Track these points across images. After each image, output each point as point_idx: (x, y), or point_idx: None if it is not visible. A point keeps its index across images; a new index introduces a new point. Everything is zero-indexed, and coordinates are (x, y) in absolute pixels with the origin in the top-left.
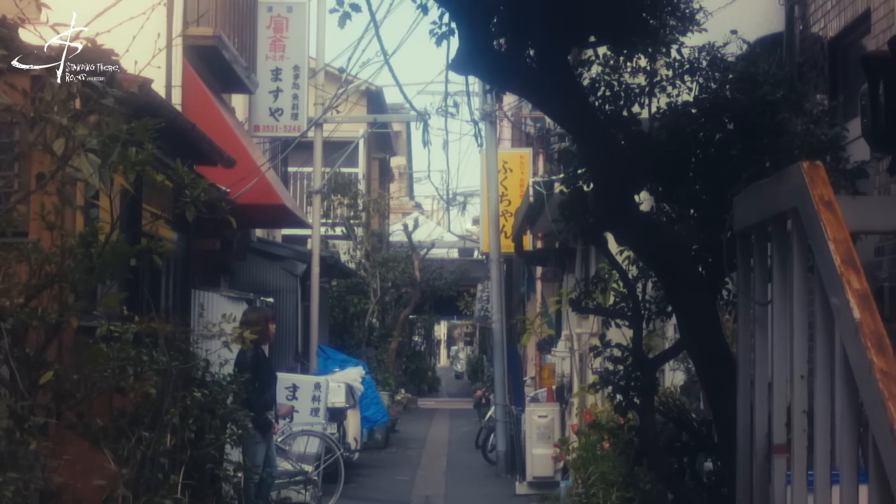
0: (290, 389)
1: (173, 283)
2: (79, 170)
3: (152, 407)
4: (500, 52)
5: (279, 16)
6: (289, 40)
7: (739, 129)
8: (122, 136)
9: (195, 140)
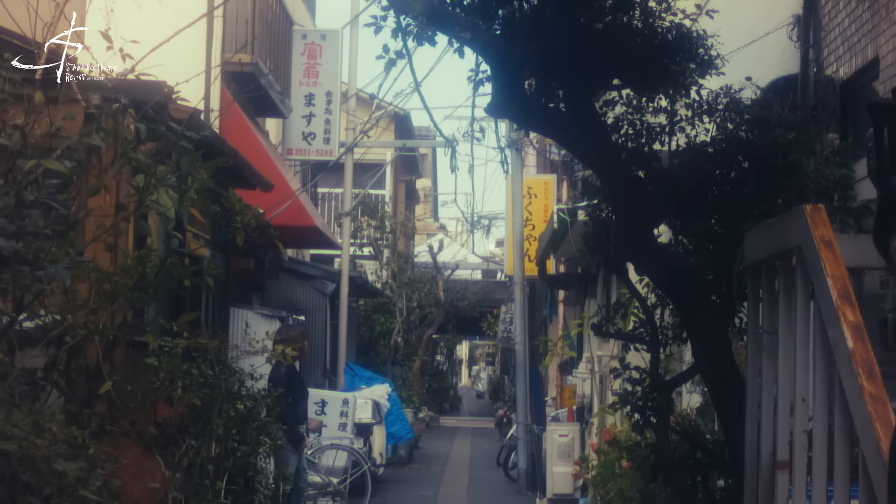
0: (319, 405)
1: (213, 301)
2: (160, 203)
3: (198, 417)
4: (531, 97)
5: (313, 43)
6: (322, 67)
7: (753, 168)
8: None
9: (237, 166)
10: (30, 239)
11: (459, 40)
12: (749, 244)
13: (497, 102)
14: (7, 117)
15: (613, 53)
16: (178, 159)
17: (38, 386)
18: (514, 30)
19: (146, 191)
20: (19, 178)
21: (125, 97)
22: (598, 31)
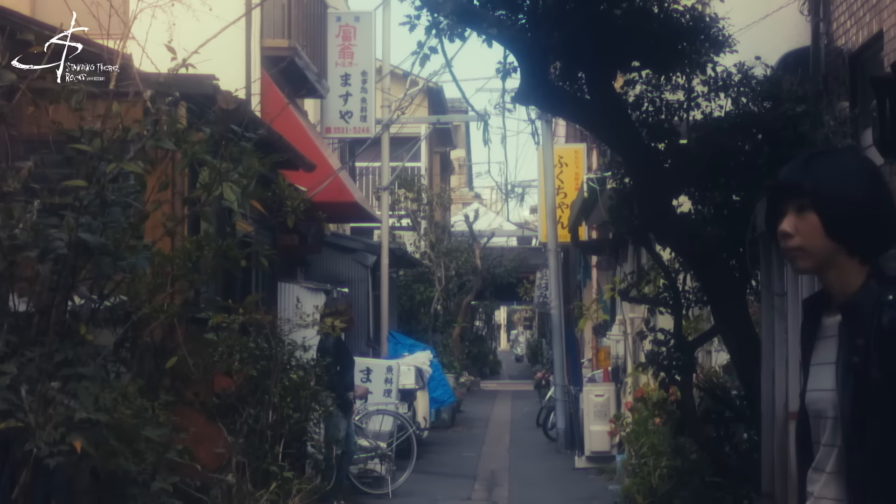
0: (365, 372)
1: (262, 277)
2: (225, 198)
3: (256, 387)
4: (555, 84)
5: (347, 25)
6: (357, 48)
7: (766, 141)
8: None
9: (282, 149)
10: (110, 232)
11: (487, 35)
12: (759, 213)
13: (524, 91)
14: (84, 123)
15: (632, 38)
16: (240, 157)
17: (110, 363)
18: (538, 21)
19: (212, 186)
20: (102, 179)
21: (177, 91)
22: (617, 17)
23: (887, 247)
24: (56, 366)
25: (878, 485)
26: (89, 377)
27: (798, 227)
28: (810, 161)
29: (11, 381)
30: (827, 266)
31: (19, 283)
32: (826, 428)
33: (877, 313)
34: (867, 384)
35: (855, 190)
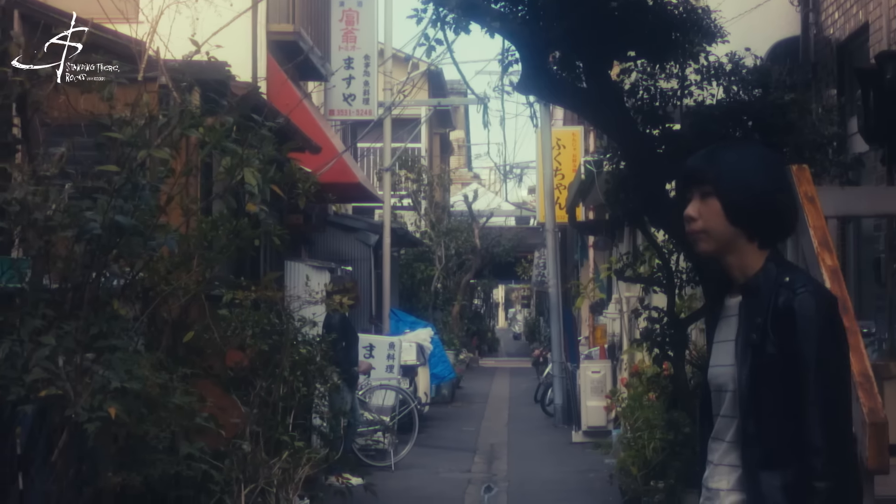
0: (368, 349)
1: (269, 255)
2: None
3: (267, 361)
4: (554, 75)
5: (350, 10)
6: (359, 32)
7: (756, 128)
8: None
9: (289, 132)
10: (140, 214)
11: (490, 28)
12: None
13: (524, 81)
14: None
15: (628, 28)
16: (261, 144)
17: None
18: (538, 14)
19: (234, 171)
20: (132, 164)
21: (191, 77)
22: (614, 9)
23: (785, 235)
24: (91, 338)
25: (770, 453)
26: (122, 349)
27: (701, 212)
28: (716, 152)
29: (50, 353)
30: (727, 250)
31: (54, 261)
32: (725, 400)
33: (773, 294)
34: (763, 359)
35: (755, 180)
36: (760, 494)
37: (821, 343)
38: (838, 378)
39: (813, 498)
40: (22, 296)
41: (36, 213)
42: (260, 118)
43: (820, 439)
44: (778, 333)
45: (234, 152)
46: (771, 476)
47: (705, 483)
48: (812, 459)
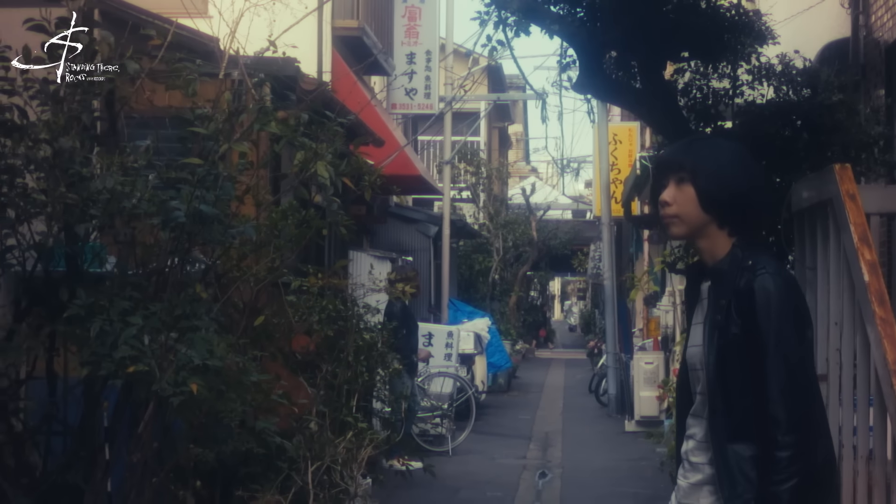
0: (427, 337)
1: (334, 245)
2: (320, 175)
3: (332, 346)
4: (609, 74)
5: (413, 6)
6: (421, 28)
7: (804, 127)
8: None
9: (355, 126)
10: (220, 204)
11: (550, 31)
12: (794, 195)
13: (581, 81)
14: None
15: (681, 31)
16: (333, 139)
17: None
18: (595, 16)
19: (308, 164)
20: (213, 157)
21: (262, 73)
22: (668, 12)
23: (755, 226)
24: (175, 319)
25: (737, 427)
26: (203, 329)
27: (676, 198)
28: (693, 143)
29: (137, 332)
30: (698, 235)
31: (139, 247)
32: (700, 379)
33: (737, 276)
34: (728, 339)
35: (729, 171)
36: (728, 466)
37: (779, 321)
38: (797, 354)
39: (776, 467)
40: (111, 279)
41: (124, 202)
42: (332, 115)
43: (781, 412)
44: (740, 314)
45: (308, 146)
46: (738, 448)
47: (686, 456)
48: (774, 431)
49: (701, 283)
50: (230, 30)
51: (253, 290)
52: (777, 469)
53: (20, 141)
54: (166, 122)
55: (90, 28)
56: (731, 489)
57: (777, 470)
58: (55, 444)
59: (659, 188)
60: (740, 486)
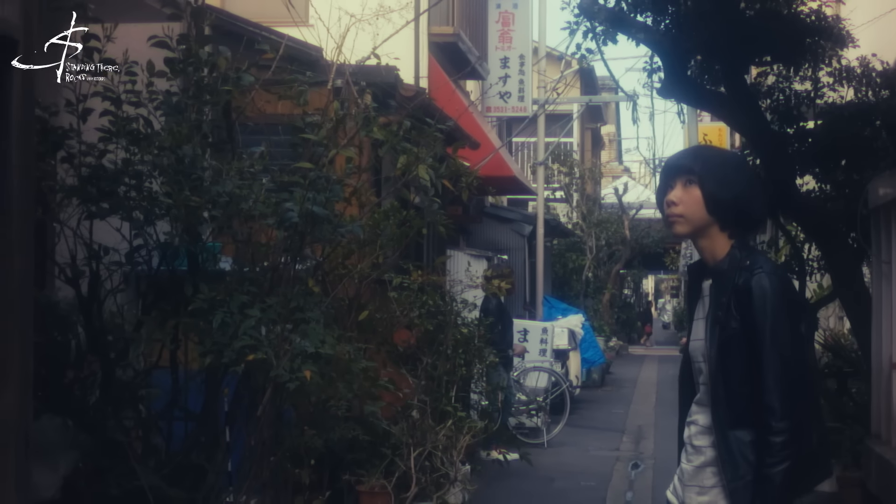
0: (522, 333)
1: (432, 244)
2: (422, 177)
3: (432, 339)
4: (693, 81)
5: (506, 11)
6: (515, 32)
7: (883, 126)
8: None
9: (453, 131)
10: (330, 205)
11: (636, 39)
12: (871, 191)
13: (667, 87)
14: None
15: (763, 35)
16: (434, 144)
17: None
18: (681, 24)
19: (410, 168)
20: (323, 161)
21: (364, 80)
22: (750, 17)
23: (752, 230)
24: (290, 311)
25: (738, 414)
26: (316, 321)
27: (682, 199)
28: (701, 150)
29: (255, 323)
30: (701, 235)
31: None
32: (702, 370)
33: (736, 275)
34: (727, 333)
35: (733, 178)
36: (731, 450)
37: (774, 318)
38: (790, 348)
39: (770, 451)
40: (229, 275)
41: (242, 204)
42: (432, 121)
43: (775, 401)
44: (739, 310)
45: (411, 151)
46: (740, 434)
47: (689, 441)
48: (768, 418)
49: (702, 282)
50: (336, 45)
51: (357, 287)
52: (771, 453)
53: (146, 149)
54: (278, 129)
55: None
56: (734, 471)
57: (771, 454)
58: (176, 429)
59: (665, 189)
60: (741, 468)
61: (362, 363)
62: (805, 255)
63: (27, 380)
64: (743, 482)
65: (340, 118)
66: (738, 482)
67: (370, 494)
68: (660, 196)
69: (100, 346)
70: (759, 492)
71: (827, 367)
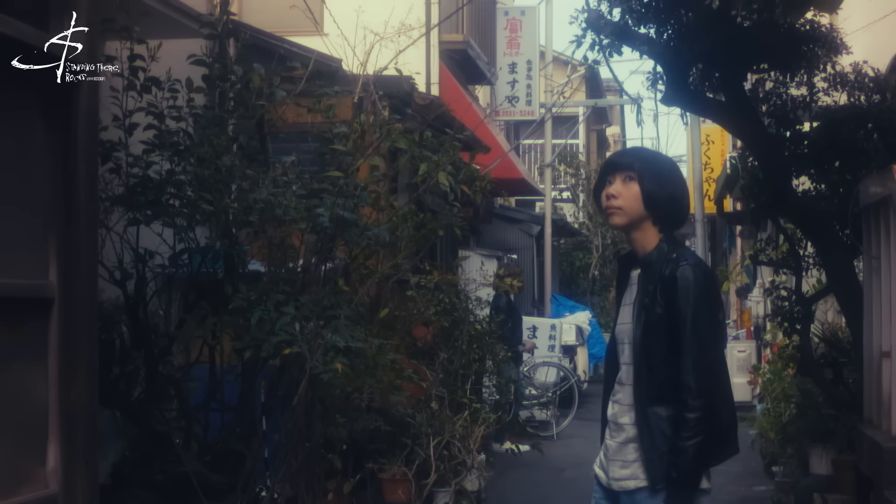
0: (531, 330)
1: (445, 244)
2: (441, 183)
3: (448, 336)
4: (694, 90)
5: (514, 18)
6: (522, 39)
7: (875, 129)
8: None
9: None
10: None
11: (640, 51)
12: (861, 192)
13: (669, 95)
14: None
15: (760, 44)
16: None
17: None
18: (681, 36)
19: (431, 174)
20: (352, 170)
21: (381, 90)
22: (748, 28)
23: (678, 225)
24: (322, 308)
25: (658, 392)
26: (346, 317)
27: (622, 193)
28: (640, 150)
29: (290, 320)
30: (635, 227)
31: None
32: (625, 351)
33: (663, 266)
34: (652, 318)
35: (668, 179)
36: (649, 424)
37: (696, 306)
38: (708, 332)
39: (685, 425)
40: (266, 276)
41: (276, 210)
42: (451, 131)
43: (692, 380)
44: (664, 297)
45: (430, 159)
46: (658, 409)
47: (613, 419)
48: (685, 396)
49: (631, 271)
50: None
51: (378, 286)
52: (686, 427)
53: (188, 160)
54: (305, 136)
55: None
56: (651, 443)
57: (686, 428)
58: (212, 420)
59: (604, 183)
60: (658, 440)
61: (390, 355)
62: (802, 252)
63: (94, 371)
64: (658, 453)
65: (366, 129)
66: (655, 453)
67: (392, 481)
68: (598, 189)
69: (144, 343)
70: (672, 462)
71: (822, 358)
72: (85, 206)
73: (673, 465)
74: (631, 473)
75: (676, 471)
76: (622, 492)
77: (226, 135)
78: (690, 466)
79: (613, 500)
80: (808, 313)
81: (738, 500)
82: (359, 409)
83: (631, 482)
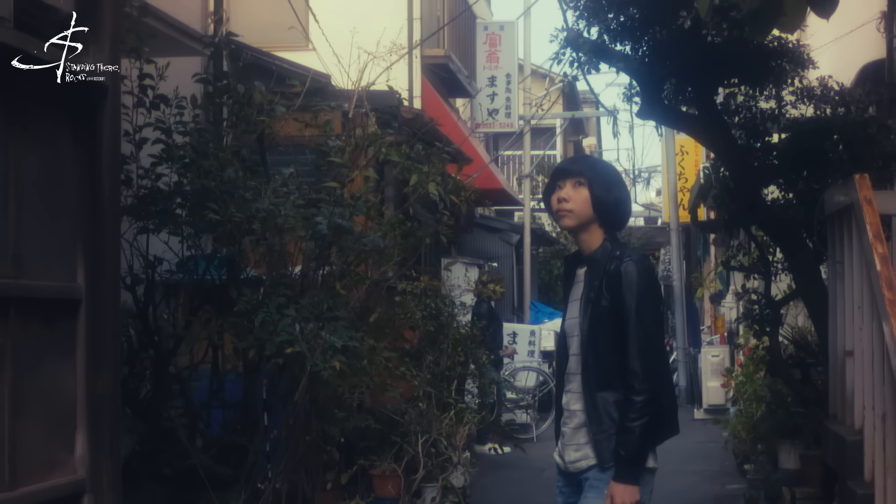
0: (511, 336)
1: (428, 253)
2: (431, 193)
3: (433, 340)
4: (668, 105)
5: (493, 33)
6: (501, 53)
7: (840, 141)
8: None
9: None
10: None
11: (616, 67)
12: (826, 200)
13: (644, 109)
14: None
15: (731, 60)
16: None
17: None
18: (656, 53)
19: (422, 185)
20: (346, 181)
21: (368, 104)
22: (719, 44)
23: (620, 226)
24: (321, 311)
25: (604, 378)
26: (343, 319)
27: (572, 197)
28: (587, 159)
29: (291, 321)
30: (583, 229)
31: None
32: (574, 343)
33: (608, 262)
34: (598, 311)
35: (614, 183)
36: (597, 409)
37: (639, 297)
38: (651, 322)
39: (632, 408)
40: (267, 280)
41: (277, 219)
42: (440, 144)
43: (638, 366)
44: (609, 290)
45: (420, 170)
46: (605, 395)
47: (566, 406)
48: (632, 381)
49: (577, 269)
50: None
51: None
52: (633, 409)
53: (194, 172)
54: (301, 148)
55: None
56: (598, 425)
57: (633, 410)
58: (214, 417)
59: (554, 188)
60: (605, 423)
61: (385, 353)
62: (771, 258)
63: (118, 366)
64: (606, 434)
65: (360, 143)
66: (602, 434)
67: (382, 477)
68: (547, 194)
69: (152, 344)
70: (621, 441)
71: (791, 358)
72: (109, 214)
73: (621, 444)
74: (583, 455)
75: (624, 449)
76: (577, 473)
77: (229, 148)
78: (637, 445)
79: (573, 484)
80: (777, 316)
81: (712, 499)
82: (349, 408)
83: (583, 462)
